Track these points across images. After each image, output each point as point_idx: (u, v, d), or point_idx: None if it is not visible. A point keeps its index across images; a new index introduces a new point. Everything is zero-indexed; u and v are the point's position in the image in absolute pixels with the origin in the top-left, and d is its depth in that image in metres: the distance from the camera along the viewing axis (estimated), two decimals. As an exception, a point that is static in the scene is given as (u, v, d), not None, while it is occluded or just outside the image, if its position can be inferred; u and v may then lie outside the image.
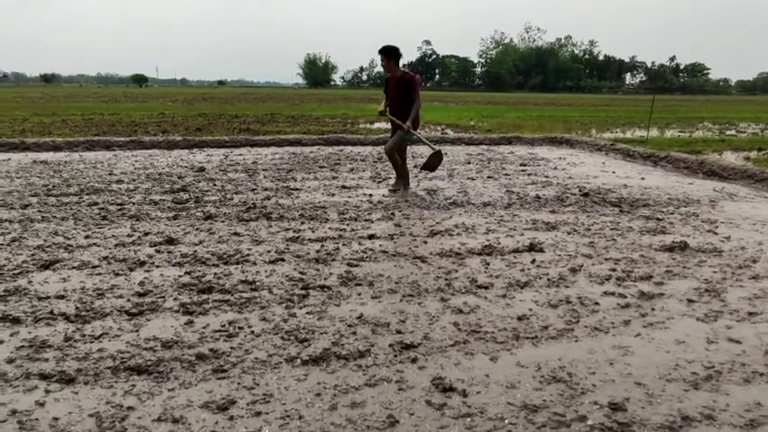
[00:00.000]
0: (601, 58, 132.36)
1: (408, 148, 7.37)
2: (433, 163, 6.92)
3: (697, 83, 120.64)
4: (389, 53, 6.38)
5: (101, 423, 2.10)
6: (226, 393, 2.32)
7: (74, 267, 3.86)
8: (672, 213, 5.87)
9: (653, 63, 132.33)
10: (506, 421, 2.17)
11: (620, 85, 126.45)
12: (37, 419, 2.13)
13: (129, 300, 3.29)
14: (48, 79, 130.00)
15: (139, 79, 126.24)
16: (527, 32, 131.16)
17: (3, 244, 4.37)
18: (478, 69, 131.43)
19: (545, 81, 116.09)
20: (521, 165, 9.21)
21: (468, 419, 2.18)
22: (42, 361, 2.58)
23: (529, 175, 8.20)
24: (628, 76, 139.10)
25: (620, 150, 10.98)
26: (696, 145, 12.31)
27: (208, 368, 2.53)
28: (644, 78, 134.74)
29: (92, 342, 2.76)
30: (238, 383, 2.40)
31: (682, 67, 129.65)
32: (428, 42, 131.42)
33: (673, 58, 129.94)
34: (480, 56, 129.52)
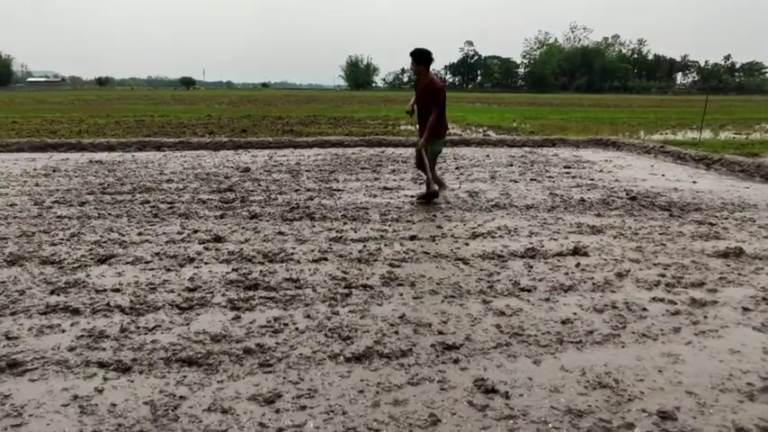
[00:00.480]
0: (650, 57, 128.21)
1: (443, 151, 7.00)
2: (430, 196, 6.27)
3: (754, 82, 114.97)
4: (419, 57, 6.07)
5: (155, 410, 2.20)
6: (272, 387, 2.38)
7: (128, 262, 4.04)
8: (726, 218, 5.64)
9: (706, 62, 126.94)
10: (550, 425, 2.15)
11: (671, 86, 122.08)
12: (96, 405, 2.24)
13: (179, 294, 3.42)
14: (102, 82, 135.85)
15: (187, 82, 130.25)
16: (572, 32, 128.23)
17: (63, 239, 4.61)
18: (521, 70, 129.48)
19: (591, 82, 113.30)
20: (565, 167, 9.04)
21: (511, 421, 2.17)
22: (100, 350, 2.71)
23: (573, 177, 8.03)
24: (679, 75, 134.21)
25: (671, 153, 10.61)
26: (753, 147, 11.77)
27: (255, 362, 2.61)
28: (696, 78, 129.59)
29: (146, 334, 2.89)
30: (284, 378, 2.47)
31: (737, 65, 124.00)
32: (470, 43, 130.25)
33: (728, 57, 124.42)
34: (524, 56, 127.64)
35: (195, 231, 4.87)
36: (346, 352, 2.71)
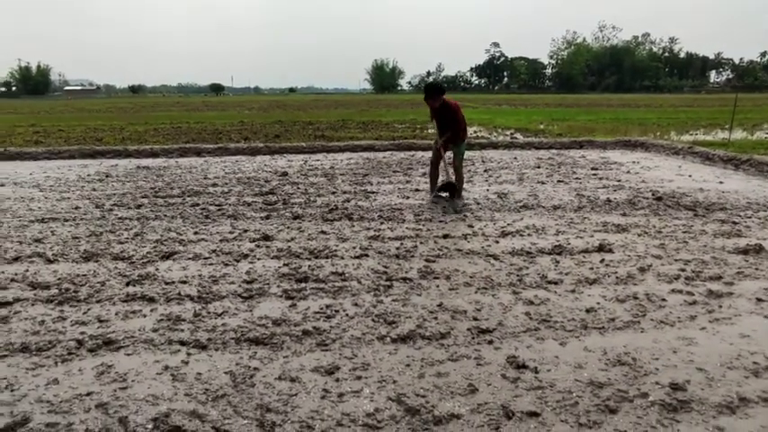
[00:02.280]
0: (682, 55, 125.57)
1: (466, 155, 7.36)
2: (446, 188, 6.79)
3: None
4: (440, 91, 6.59)
5: (235, 378, 2.60)
6: (331, 361, 2.76)
7: (189, 258, 4.49)
8: (750, 217, 5.82)
9: (741, 59, 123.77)
10: (574, 394, 2.48)
11: (704, 84, 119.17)
12: (185, 374, 2.66)
13: (240, 285, 3.84)
14: (135, 90, 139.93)
15: (216, 88, 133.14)
16: (601, 31, 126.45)
17: (129, 238, 5.10)
18: (549, 71, 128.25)
19: (620, 81, 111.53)
20: (592, 169, 9.24)
21: (540, 391, 2.50)
22: (179, 331, 3.14)
23: (600, 179, 8.25)
24: (712, 73, 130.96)
25: (699, 154, 10.69)
26: (784, 147, 11.71)
27: (313, 342, 3.00)
28: (731, 76, 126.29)
29: (215, 318, 3.31)
30: (340, 354, 2.85)
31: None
32: (496, 44, 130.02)
33: (764, 54, 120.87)
34: (551, 57, 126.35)
35: (245, 231, 5.31)
36: (392, 334, 3.07)
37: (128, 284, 3.90)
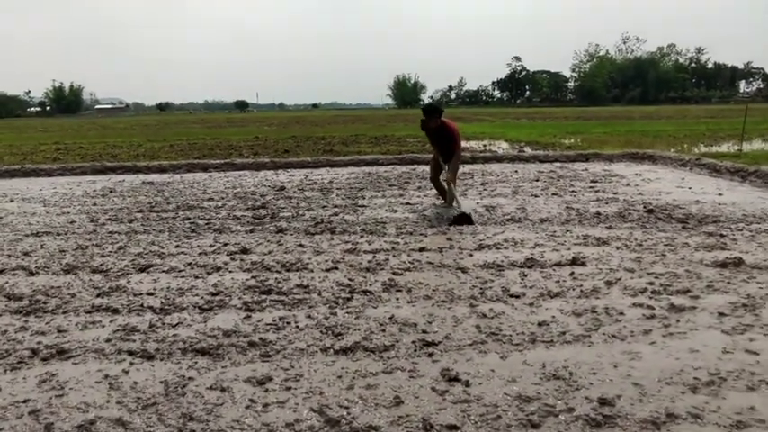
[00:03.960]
0: (710, 66, 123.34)
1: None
2: (460, 220, 6.32)
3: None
4: (437, 112, 6.89)
5: (167, 387, 2.66)
6: (265, 372, 2.80)
7: (163, 271, 4.59)
8: (740, 230, 5.68)
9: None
10: (499, 408, 2.46)
11: (733, 95, 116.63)
12: (122, 382, 2.73)
13: (202, 297, 3.91)
14: (162, 108, 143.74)
15: (241, 105, 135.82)
16: (624, 43, 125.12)
17: (111, 251, 5.24)
18: (571, 84, 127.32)
19: (645, 93, 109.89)
20: (591, 182, 9.14)
21: (465, 405, 2.49)
22: (131, 341, 3.21)
23: (596, 192, 8.15)
24: (742, 83, 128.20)
25: (706, 165, 10.47)
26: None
27: (256, 353, 3.04)
28: (762, 86, 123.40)
29: (169, 329, 3.38)
30: (277, 365, 2.88)
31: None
32: (518, 59, 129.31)
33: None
34: (573, 70, 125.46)
35: (225, 244, 5.40)
36: (336, 345, 3.09)
37: (97, 296, 4.01)
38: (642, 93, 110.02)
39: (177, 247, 5.36)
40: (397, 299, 3.85)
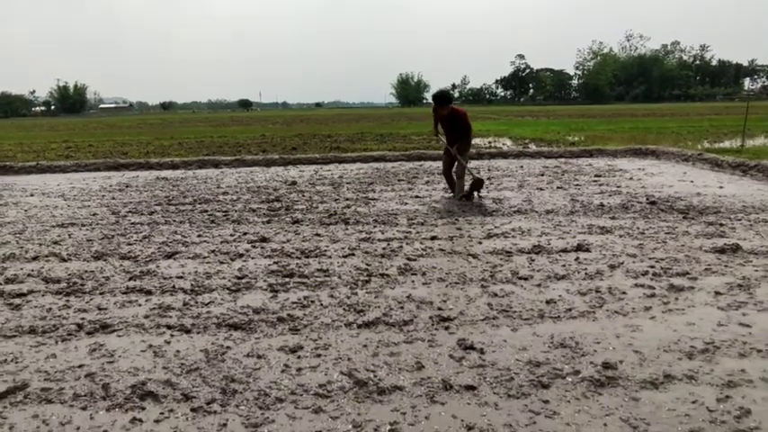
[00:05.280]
0: (714, 63, 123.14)
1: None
2: (476, 186, 7.34)
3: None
4: (447, 100, 7.31)
5: (207, 354, 2.91)
6: (297, 342, 3.05)
7: (189, 258, 4.84)
8: (739, 220, 5.90)
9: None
10: (512, 372, 2.70)
11: (737, 92, 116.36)
12: (165, 350, 2.98)
13: (229, 280, 4.17)
14: (166, 107, 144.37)
15: (245, 104, 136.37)
16: (628, 41, 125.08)
17: (137, 240, 5.50)
18: (575, 82, 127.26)
19: (648, 91, 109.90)
20: (595, 176, 9.35)
21: (481, 369, 2.73)
22: (168, 317, 3.47)
23: (600, 185, 8.37)
24: (747, 81, 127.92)
25: (708, 160, 10.68)
26: (799, 153, 11.56)
27: (285, 327, 3.29)
28: (766, 83, 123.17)
29: (202, 307, 3.63)
30: (306, 337, 3.13)
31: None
32: (521, 56, 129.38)
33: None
34: (577, 68, 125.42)
35: (245, 234, 5.66)
36: (359, 321, 3.34)
37: (129, 279, 4.26)
38: (646, 90, 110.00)
39: (199, 236, 5.61)
40: (413, 281, 4.09)
